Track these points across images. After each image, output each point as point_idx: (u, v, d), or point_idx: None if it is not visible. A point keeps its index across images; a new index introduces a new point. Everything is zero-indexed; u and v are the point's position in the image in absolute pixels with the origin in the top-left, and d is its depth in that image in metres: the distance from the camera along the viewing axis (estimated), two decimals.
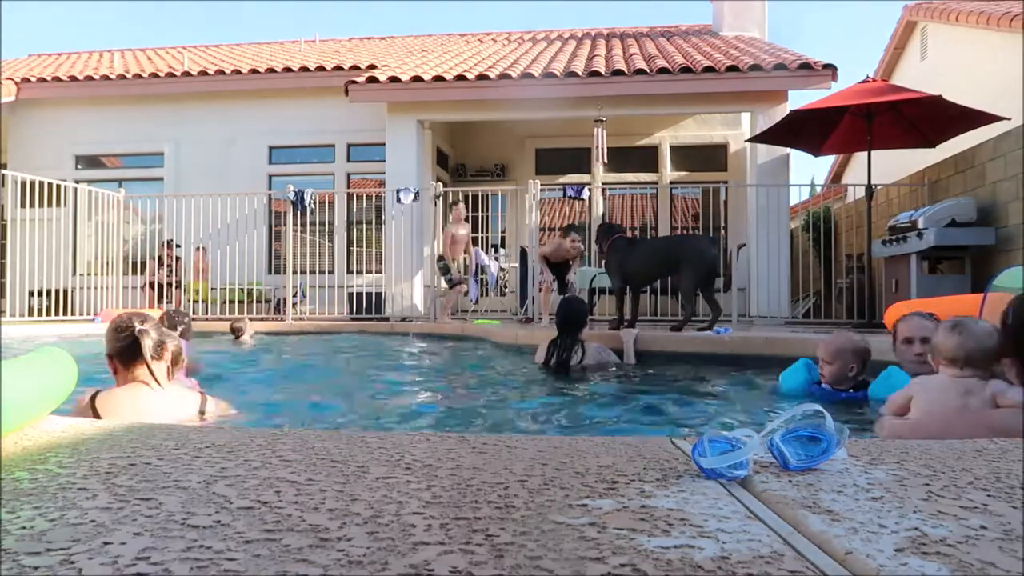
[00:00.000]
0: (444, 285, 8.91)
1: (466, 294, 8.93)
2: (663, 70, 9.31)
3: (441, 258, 8.75)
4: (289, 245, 9.55)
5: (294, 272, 9.56)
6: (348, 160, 11.45)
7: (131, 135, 11.67)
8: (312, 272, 10.46)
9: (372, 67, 11.05)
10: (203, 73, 11.42)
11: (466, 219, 8.93)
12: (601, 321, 7.38)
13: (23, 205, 9.71)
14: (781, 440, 1.26)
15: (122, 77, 11.49)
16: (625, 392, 4.11)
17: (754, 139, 8.89)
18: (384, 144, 10.06)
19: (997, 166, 7.26)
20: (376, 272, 10.58)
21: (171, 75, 11.47)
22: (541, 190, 9.11)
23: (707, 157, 11.60)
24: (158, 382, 2.38)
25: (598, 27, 15.32)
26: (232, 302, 9.90)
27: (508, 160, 12.10)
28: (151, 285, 10.02)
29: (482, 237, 10.76)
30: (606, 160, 9.29)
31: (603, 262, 6.60)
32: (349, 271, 10.95)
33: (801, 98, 10.25)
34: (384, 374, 5.13)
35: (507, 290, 10.11)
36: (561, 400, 3.80)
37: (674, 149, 11.71)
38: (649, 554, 0.82)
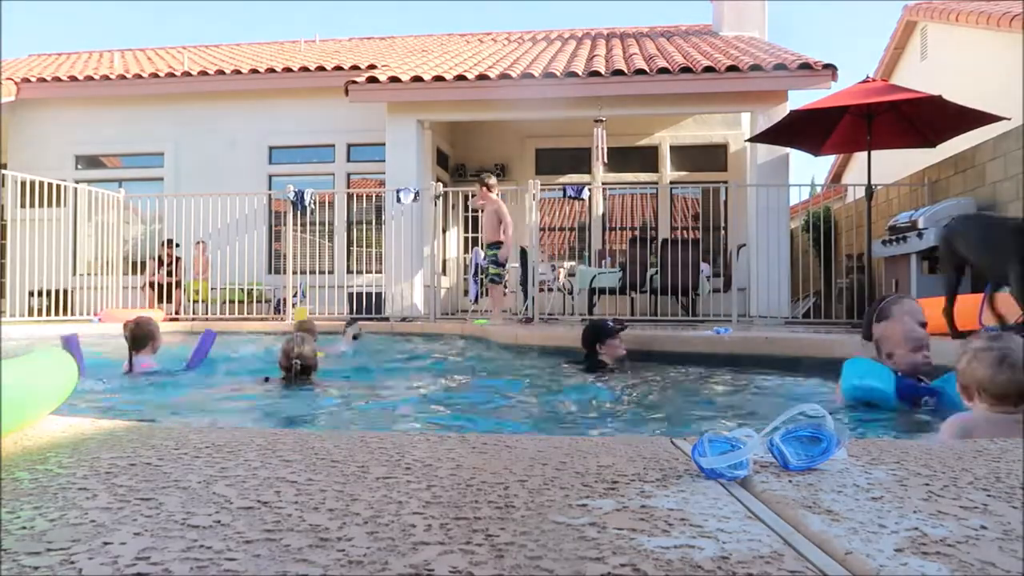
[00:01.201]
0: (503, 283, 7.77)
1: (466, 293, 8.92)
2: (663, 70, 9.30)
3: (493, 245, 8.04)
4: (289, 245, 9.54)
5: (294, 272, 9.57)
6: (348, 160, 11.46)
7: (131, 135, 11.67)
8: (312, 272, 10.46)
9: (372, 67, 11.05)
10: (203, 73, 11.42)
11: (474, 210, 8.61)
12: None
13: (23, 205, 9.70)
14: (781, 440, 1.26)
15: (122, 77, 11.49)
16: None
17: (754, 139, 8.89)
18: (384, 144, 10.06)
19: (997, 166, 7.26)
20: (376, 272, 10.58)
21: (171, 75, 11.47)
22: (541, 190, 9.09)
23: (707, 157, 11.61)
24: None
25: (598, 27, 15.32)
26: (232, 302, 9.90)
27: (508, 160, 12.10)
28: (151, 285, 10.03)
29: (482, 237, 10.77)
30: (606, 160, 9.29)
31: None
32: (349, 271, 10.94)
33: (801, 98, 10.26)
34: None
35: (507, 290, 10.10)
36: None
37: (674, 149, 11.71)
38: (649, 554, 0.82)
